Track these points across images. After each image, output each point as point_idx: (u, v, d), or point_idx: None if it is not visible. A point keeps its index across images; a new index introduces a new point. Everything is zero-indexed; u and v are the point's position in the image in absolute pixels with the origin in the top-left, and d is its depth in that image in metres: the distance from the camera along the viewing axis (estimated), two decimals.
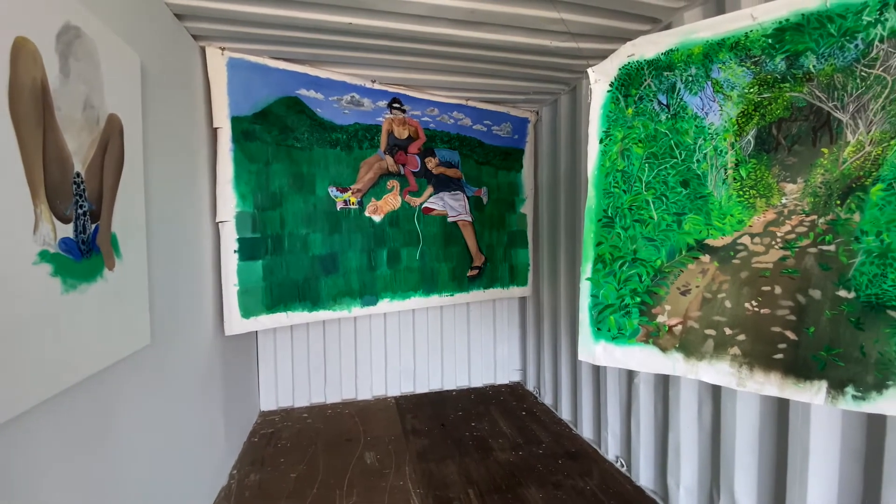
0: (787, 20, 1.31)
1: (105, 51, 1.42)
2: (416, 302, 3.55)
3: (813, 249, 1.30)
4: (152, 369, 1.81)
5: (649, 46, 1.60)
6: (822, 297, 1.27)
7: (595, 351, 1.73)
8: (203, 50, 2.50)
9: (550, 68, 2.91)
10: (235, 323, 2.69)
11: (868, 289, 1.18)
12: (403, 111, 3.31)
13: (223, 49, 2.53)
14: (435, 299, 3.63)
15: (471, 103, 3.54)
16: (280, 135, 2.86)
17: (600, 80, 1.72)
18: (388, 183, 3.36)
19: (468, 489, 2.58)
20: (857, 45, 1.21)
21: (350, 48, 2.59)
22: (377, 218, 3.32)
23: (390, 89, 3.20)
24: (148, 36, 1.85)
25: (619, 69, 1.67)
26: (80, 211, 1.30)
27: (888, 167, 1.16)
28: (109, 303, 1.44)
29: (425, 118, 3.42)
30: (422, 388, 4.13)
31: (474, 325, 4.26)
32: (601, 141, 1.72)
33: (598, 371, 3.04)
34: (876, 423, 1.48)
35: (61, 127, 1.21)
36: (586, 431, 3.21)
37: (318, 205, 3.07)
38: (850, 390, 1.20)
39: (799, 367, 1.30)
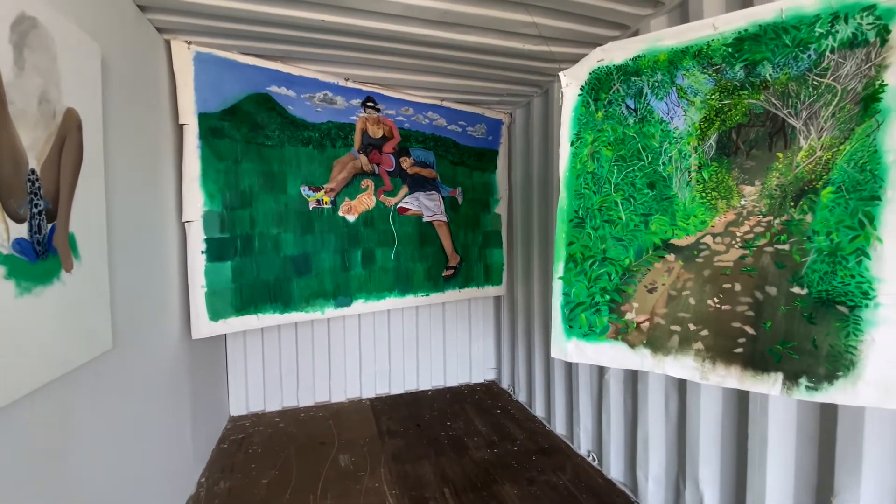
0: (745, 30, 1.38)
1: (63, 42, 1.36)
2: (392, 302, 3.53)
3: (769, 248, 1.37)
4: (114, 375, 1.73)
5: (618, 52, 1.65)
6: (778, 293, 1.34)
7: (567, 348, 1.77)
8: (168, 43, 2.41)
9: (523, 71, 2.96)
10: (203, 326, 2.61)
11: (819, 285, 1.26)
12: (378, 110, 3.29)
13: (189, 43, 2.44)
14: (410, 299, 3.62)
15: (445, 104, 3.55)
16: (250, 132, 2.79)
17: (571, 83, 1.76)
18: (363, 182, 3.33)
19: (444, 488, 2.59)
20: (809, 56, 1.29)
21: (323, 45, 2.55)
22: (351, 218, 3.29)
23: (364, 88, 3.17)
24: (109, 28, 1.77)
25: (590, 73, 1.72)
26: (35, 210, 1.23)
27: (837, 171, 1.23)
28: (67, 306, 1.37)
29: (400, 118, 3.41)
30: (397, 389, 4.11)
31: (449, 324, 4.27)
32: (572, 143, 1.76)
33: (570, 368, 3.10)
34: (828, 412, 1.57)
35: (14, 121, 1.15)
36: (559, 427, 3.28)
37: (290, 204, 3.01)
38: (803, 381, 1.28)
39: (757, 360, 1.37)
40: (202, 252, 2.58)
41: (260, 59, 2.71)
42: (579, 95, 1.74)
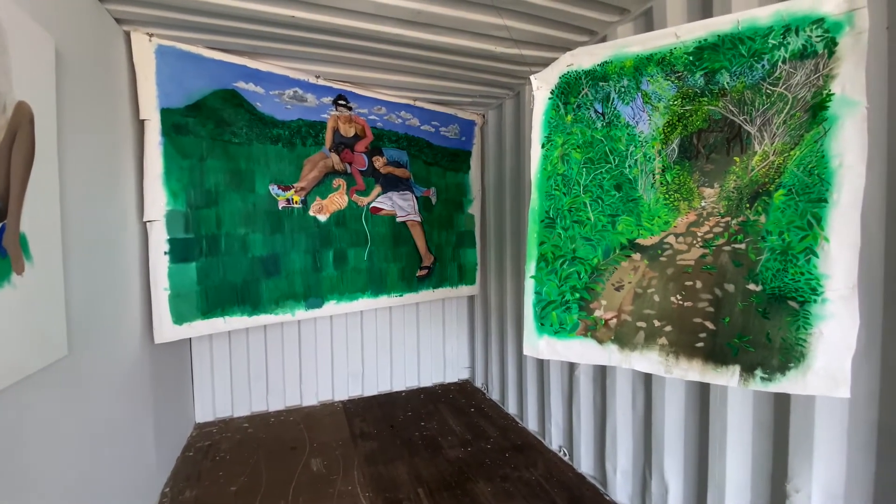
0: (705, 40, 1.45)
1: (13, 33, 1.28)
2: (365, 303, 3.50)
3: (727, 248, 1.44)
4: (70, 383, 1.64)
5: (586, 57, 1.70)
6: (735, 290, 1.42)
7: (539, 345, 1.81)
8: (128, 35, 2.31)
9: (496, 73, 2.99)
10: (167, 330, 2.51)
11: (772, 282, 1.33)
12: (350, 108, 3.25)
13: (151, 35, 2.35)
14: (384, 300, 3.60)
15: (419, 104, 3.54)
16: (216, 129, 2.71)
17: (542, 87, 1.80)
18: (335, 181, 3.28)
19: (418, 489, 2.59)
20: (763, 66, 1.36)
21: (293, 42, 2.50)
22: (322, 217, 3.24)
23: (336, 86, 3.13)
24: (64, 18, 1.68)
25: (559, 78, 1.76)
26: None
27: (788, 175, 1.31)
28: (18, 311, 1.29)
29: (372, 116, 3.39)
30: (370, 391, 4.07)
31: (423, 324, 4.27)
32: (543, 146, 1.80)
33: (542, 365, 3.16)
34: (781, 402, 1.67)
35: None
36: (532, 424, 3.33)
37: (259, 203, 2.94)
38: (758, 373, 1.35)
39: (717, 354, 1.44)
40: (165, 253, 2.49)
41: (226, 54, 2.63)
42: (549, 99, 1.78)
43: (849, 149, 1.21)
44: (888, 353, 1.37)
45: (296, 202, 3.10)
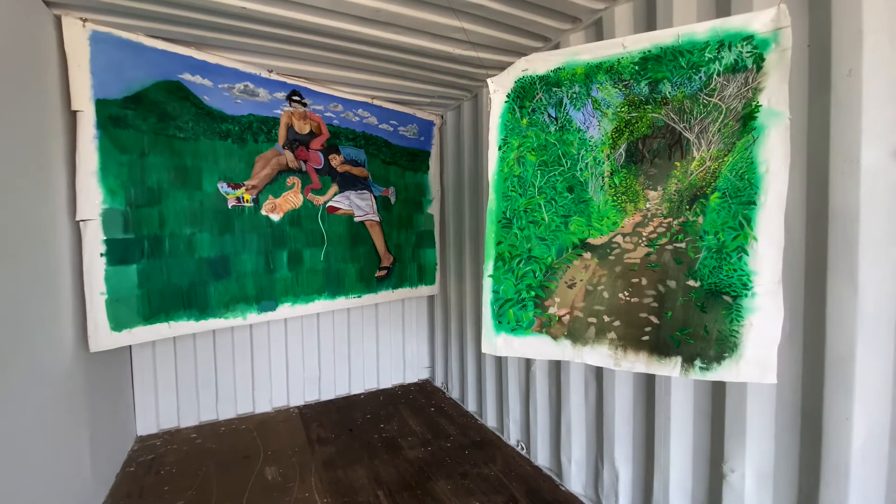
0: (649, 51, 1.54)
1: None
2: (321, 305, 3.41)
3: (669, 247, 1.54)
4: None
5: (540, 63, 1.76)
6: (677, 286, 1.51)
7: (496, 343, 1.85)
8: (58, 19, 2.13)
9: (454, 74, 3.02)
10: (103, 337, 2.33)
11: (709, 278, 1.44)
12: (304, 105, 3.16)
13: (84, 20, 2.18)
14: (342, 301, 3.53)
15: (376, 102, 3.51)
16: (159, 123, 2.55)
17: (498, 90, 1.84)
18: (288, 180, 3.18)
19: (378, 491, 2.57)
20: (700, 77, 1.47)
21: (244, 34, 2.40)
22: (275, 217, 3.13)
23: (289, 81, 3.04)
24: None
25: (515, 82, 1.80)
26: None
27: (723, 179, 1.42)
28: None
29: (328, 114, 3.31)
30: (328, 395, 3.98)
31: (383, 325, 4.23)
32: (500, 148, 1.84)
33: (500, 362, 3.23)
34: (718, 390, 1.80)
35: None
36: (490, 420, 3.39)
37: (206, 202, 2.80)
38: (697, 363, 1.46)
39: (660, 346, 1.53)
40: (102, 255, 2.31)
41: (170, 44, 2.49)
42: (506, 102, 1.82)
43: (774, 156, 1.32)
44: (809, 342, 1.51)
45: (247, 201, 2.98)
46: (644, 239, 1.60)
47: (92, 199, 2.28)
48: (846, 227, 1.38)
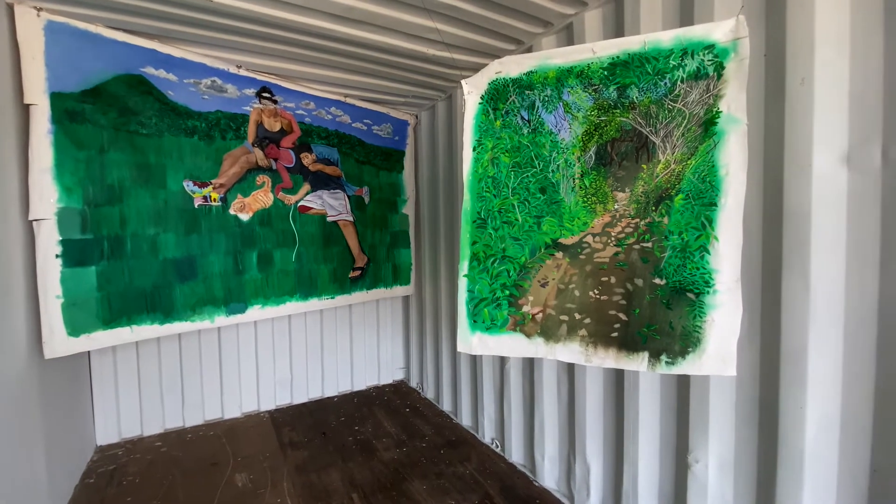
0: (617, 57, 1.59)
1: None
2: (293, 307, 3.35)
3: (637, 246, 1.60)
4: None
5: (513, 66, 1.78)
6: (644, 284, 1.57)
7: (472, 342, 1.86)
8: (10, 8, 2.00)
9: (428, 74, 3.02)
10: (59, 343, 2.22)
11: (674, 276, 1.50)
12: (275, 102, 3.09)
13: (39, 9, 2.06)
14: (314, 303, 3.47)
15: (349, 100, 3.47)
16: (120, 118, 2.44)
17: (472, 92, 1.85)
18: (258, 178, 3.10)
19: (352, 494, 2.54)
20: (665, 83, 1.52)
21: (211, 28, 2.33)
22: (245, 216, 3.05)
23: (259, 77, 2.96)
24: None
25: (489, 84, 1.82)
26: None
27: (686, 181, 1.48)
28: None
29: (300, 111, 3.25)
30: (300, 398, 3.91)
31: (357, 326, 4.18)
32: (474, 149, 1.85)
33: (475, 361, 3.25)
34: (683, 383, 1.87)
35: None
36: (465, 419, 3.41)
37: (171, 201, 2.70)
38: (664, 358, 1.51)
39: (629, 342, 1.58)
40: (57, 256, 2.20)
41: (132, 36, 2.39)
42: (479, 104, 1.84)
43: (733, 160, 1.39)
44: (766, 337, 1.60)
45: (214, 200, 2.89)
46: (613, 239, 1.65)
47: (46, 197, 2.16)
48: (799, 228, 1.46)
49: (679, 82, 1.49)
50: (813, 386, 1.46)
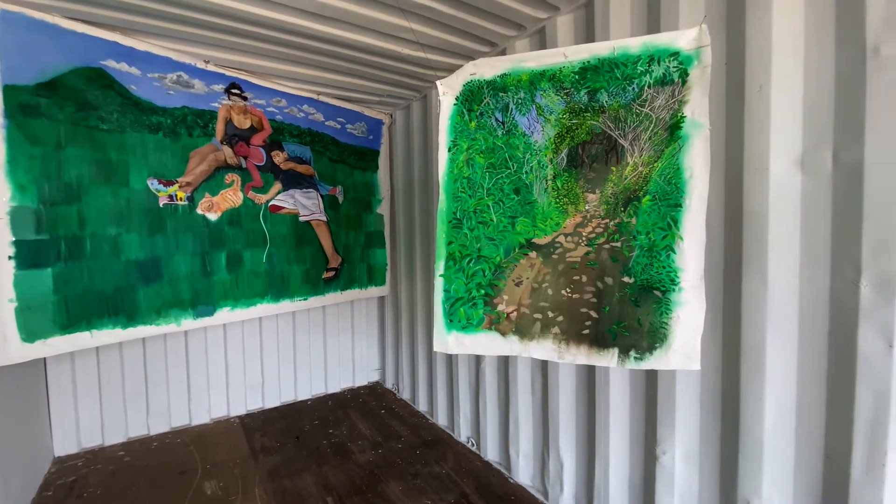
0: (588, 62, 1.63)
1: None
2: (264, 309, 3.27)
3: (606, 246, 1.64)
4: None
5: (487, 68, 1.80)
6: (613, 282, 1.62)
7: (448, 341, 1.87)
8: None
9: (403, 74, 3.01)
10: (13, 349, 2.09)
11: (642, 275, 1.55)
12: (244, 98, 3.02)
13: None
14: (286, 305, 3.40)
15: (323, 98, 3.42)
16: (78, 112, 2.33)
17: (447, 93, 1.86)
18: (227, 177, 3.02)
19: (327, 498, 2.51)
20: (633, 88, 1.57)
21: (177, 21, 2.25)
22: (213, 216, 2.96)
23: (228, 73, 2.88)
24: None
25: (463, 85, 1.84)
26: None
27: (653, 183, 1.54)
28: None
29: (271, 108, 3.18)
30: (272, 402, 3.83)
31: (330, 328, 4.13)
32: (449, 150, 1.86)
33: (451, 360, 3.26)
34: (651, 378, 1.94)
35: None
36: (441, 419, 3.42)
37: (134, 199, 2.59)
38: (632, 354, 1.56)
39: (599, 339, 1.63)
40: (10, 257, 2.07)
41: (92, 27, 2.28)
42: (454, 105, 1.85)
43: (697, 163, 1.45)
44: (727, 332, 1.67)
45: (180, 199, 2.79)
46: (584, 239, 1.69)
47: None
48: (758, 228, 1.54)
49: (646, 87, 1.55)
50: (771, 377, 1.54)
